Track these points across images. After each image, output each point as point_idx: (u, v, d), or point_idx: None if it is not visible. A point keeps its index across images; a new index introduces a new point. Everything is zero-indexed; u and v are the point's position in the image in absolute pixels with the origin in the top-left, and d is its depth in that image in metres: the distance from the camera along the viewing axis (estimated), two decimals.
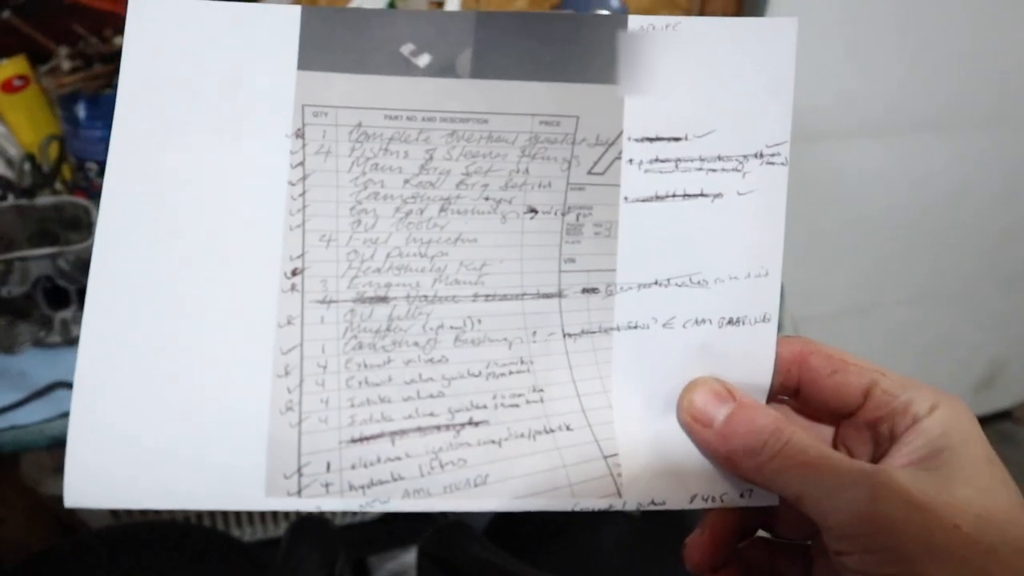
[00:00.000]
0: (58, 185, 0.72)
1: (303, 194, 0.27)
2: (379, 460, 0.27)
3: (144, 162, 0.26)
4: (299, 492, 0.26)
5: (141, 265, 0.26)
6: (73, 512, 0.81)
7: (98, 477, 0.25)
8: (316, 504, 0.26)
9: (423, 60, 0.28)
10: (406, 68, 0.28)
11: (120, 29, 0.70)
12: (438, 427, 0.28)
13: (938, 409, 0.26)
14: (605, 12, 0.79)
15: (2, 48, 0.69)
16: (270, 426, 0.26)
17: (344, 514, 0.95)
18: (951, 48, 1.07)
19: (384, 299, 0.28)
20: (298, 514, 0.93)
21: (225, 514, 0.89)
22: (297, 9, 0.27)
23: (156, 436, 0.26)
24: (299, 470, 0.26)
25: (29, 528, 0.82)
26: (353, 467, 0.27)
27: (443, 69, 0.28)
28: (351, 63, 0.27)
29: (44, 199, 0.69)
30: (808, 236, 1.16)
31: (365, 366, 0.27)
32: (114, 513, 0.82)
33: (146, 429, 0.26)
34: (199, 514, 0.87)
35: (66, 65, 0.69)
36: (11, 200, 0.70)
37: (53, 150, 0.71)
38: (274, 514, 0.90)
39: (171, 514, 0.85)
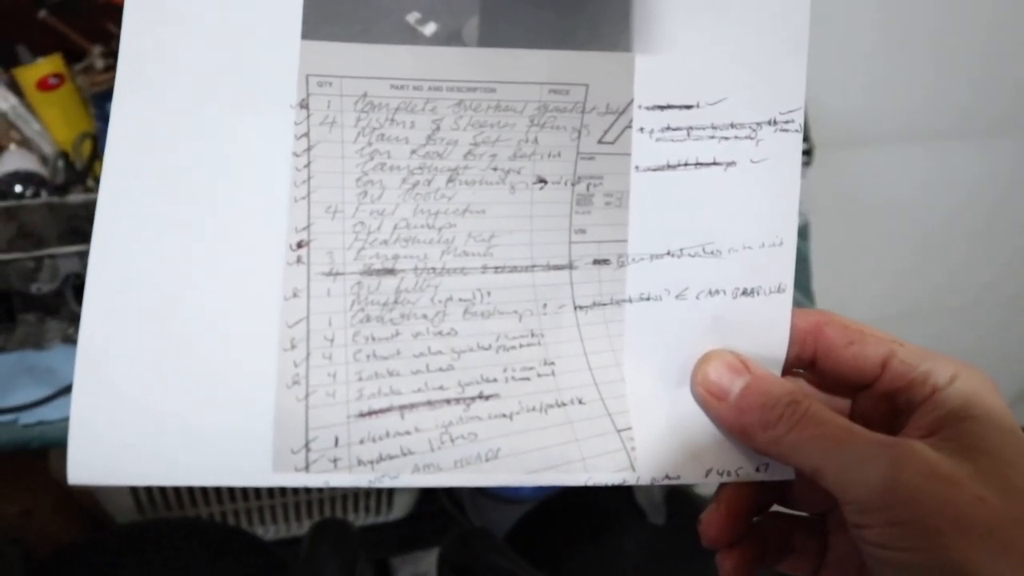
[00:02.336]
0: (90, 182, 0.73)
1: (308, 165, 0.27)
2: (388, 434, 0.26)
3: (145, 134, 0.26)
4: (307, 467, 0.26)
5: (143, 239, 0.26)
6: (100, 506, 0.83)
7: (102, 454, 0.25)
8: (324, 480, 0.26)
9: (429, 28, 0.28)
10: (412, 37, 0.27)
11: None
12: (448, 401, 0.27)
13: (958, 379, 0.25)
14: None
15: (38, 47, 0.71)
16: (276, 400, 0.26)
17: (365, 515, 0.95)
18: (992, 53, 1.06)
19: (392, 271, 0.27)
20: (321, 515, 0.94)
21: (249, 511, 0.89)
22: None
23: (160, 413, 0.25)
24: (307, 445, 0.26)
25: (57, 521, 0.84)
26: (362, 442, 0.26)
27: (449, 37, 0.28)
28: (356, 32, 0.27)
29: (75, 196, 0.70)
30: (842, 243, 1.15)
31: (373, 339, 0.27)
32: (139, 509, 0.83)
33: (150, 406, 0.25)
34: (222, 512, 0.88)
35: (100, 64, 0.71)
36: (44, 197, 0.71)
37: (86, 148, 0.73)
38: (297, 512, 0.91)
39: (195, 511, 0.86)
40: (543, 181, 0.29)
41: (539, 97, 0.28)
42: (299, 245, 0.27)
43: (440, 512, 0.98)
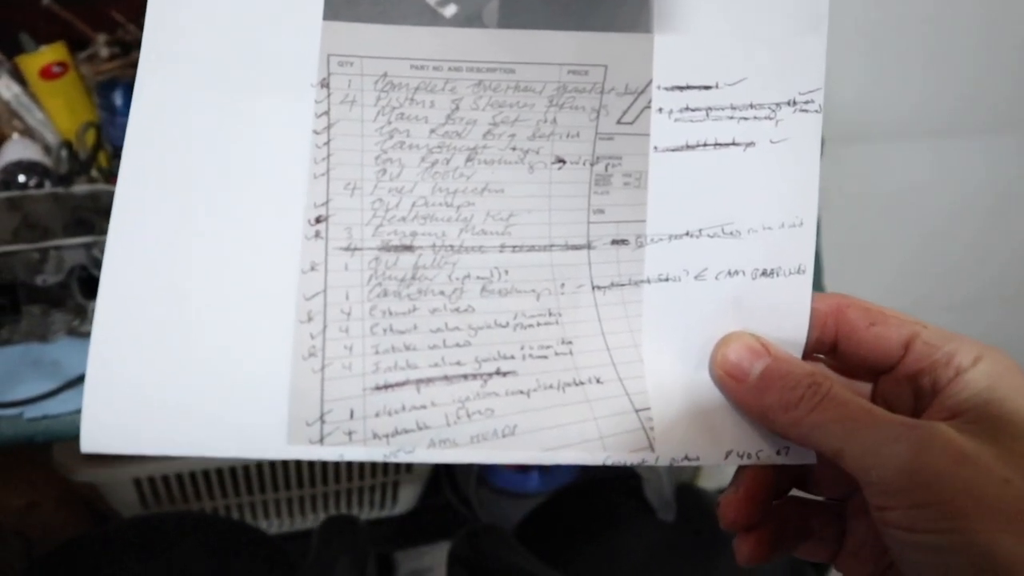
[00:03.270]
0: (94, 172, 0.74)
1: (328, 143, 0.28)
2: (404, 408, 0.27)
3: (167, 110, 0.27)
4: (321, 440, 0.26)
5: (164, 211, 0.27)
6: (103, 499, 0.84)
7: (115, 423, 0.25)
8: (339, 452, 0.26)
9: (449, 10, 0.28)
10: (432, 18, 0.28)
11: None
12: (465, 376, 0.28)
13: (983, 361, 0.25)
14: None
15: (41, 35, 0.71)
16: (292, 372, 0.26)
17: (370, 509, 0.96)
18: (1001, 49, 1.06)
19: (409, 248, 0.28)
20: (326, 510, 0.95)
21: (253, 505, 0.90)
22: None
23: (175, 381, 0.26)
24: (321, 417, 0.26)
25: (60, 514, 0.85)
26: (377, 415, 0.27)
27: (469, 19, 0.28)
28: (377, 13, 0.28)
29: (80, 187, 0.71)
30: (852, 238, 1.15)
31: (390, 314, 0.28)
32: (143, 502, 0.84)
33: (165, 374, 0.26)
34: (227, 505, 0.89)
35: (104, 52, 0.72)
36: (48, 187, 0.72)
37: (90, 137, 0.73)
38: (301, 506, 0.92)
39: (199, 504, 0.87)
40: (562, 161, 0.29)
41: (558, 78, 0.29)
42: (317, 220, 0.27)
43: (445, 507, 0.99)
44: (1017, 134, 1.15)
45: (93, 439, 0.25)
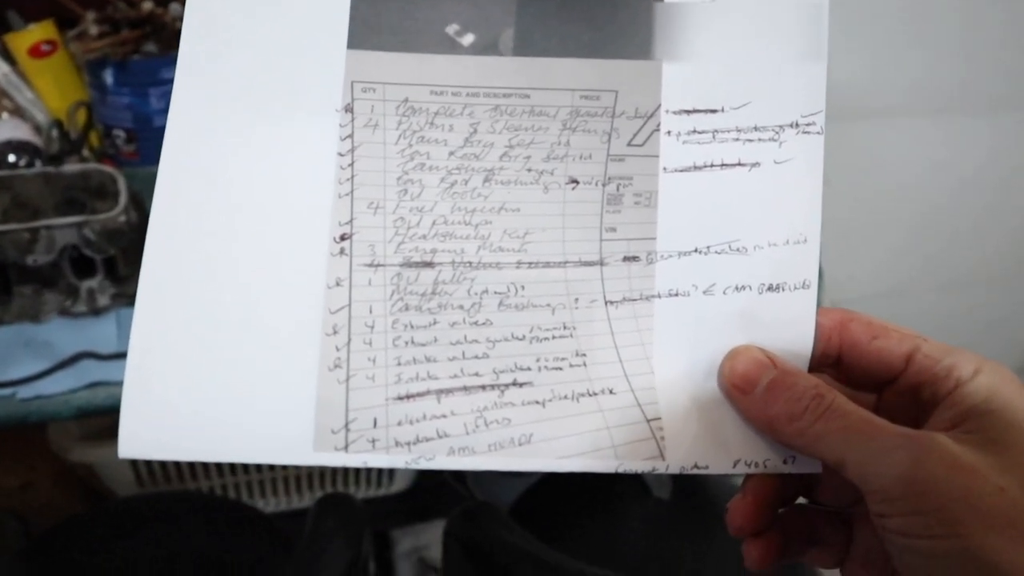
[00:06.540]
0: (85, 152, 0.75)
1: (352, 164, 0.30)
2: (425, 417, 0.29)
3: (201, 135, 0.29)
4: (346, 447, 0.29)
5: (196, 229, 0.29)
6: (99, 478, 0.86)
7: (151, 430, 0.28)
8: (363, 460, 0.29)
9: (467, 39, 0.31)
10: (451, 47, 0.31)
11: None
12: (483, 387, 0.30)
13: (981, 373, 0.27)
14: None
15: (30, 12, 0.71)
16: (318, 382, 0.29)
17: (367, 487, 0.99)
18: (1001, 27, 1.08)
19: (430, 264, 0.30)
20: (323, 489, 0.98)
21: (249, 484, 0.93)
22: None
23: (208, 391, 0.28)
24: (346, 425, 0.29)
25: (56, 494, 0.87)
26: (399, 424, 0.29)
27: (486, 47, 0.31)
28: (398, 42, 0.30)
29: (71, 167, 0.72)
30: (846, 218, 1.17)
31: (411, 327, 0.30)
32: (139, 482, 0.86)
33: (198, 384, 0.28)
34: (223, 485, 0.92)
35: (94, 30, 0.72)
36: (38, 167, 0.73)
37: (80, 116, 0.74)
38: (297, 485, 0.94)
39: (195, 484, 0.90)
40: (575, 181, 0.31)
41: (571, 103, 0.31)
42: (342, 238, 0.30)
43: (441, 485, 1.02)
44: (1018, 113, 1.17)
45: (131, 446, 0.28)
